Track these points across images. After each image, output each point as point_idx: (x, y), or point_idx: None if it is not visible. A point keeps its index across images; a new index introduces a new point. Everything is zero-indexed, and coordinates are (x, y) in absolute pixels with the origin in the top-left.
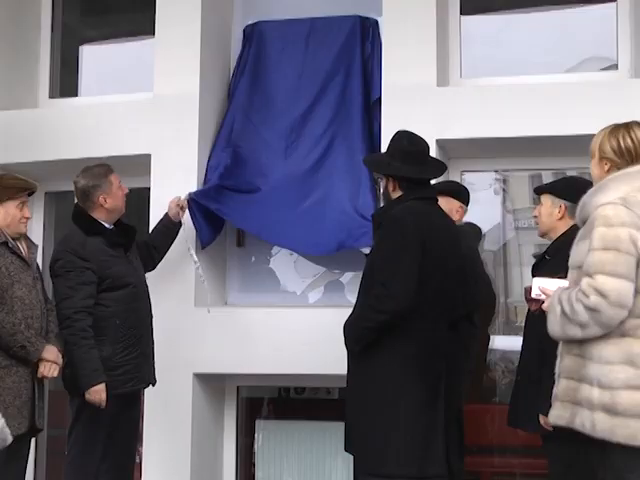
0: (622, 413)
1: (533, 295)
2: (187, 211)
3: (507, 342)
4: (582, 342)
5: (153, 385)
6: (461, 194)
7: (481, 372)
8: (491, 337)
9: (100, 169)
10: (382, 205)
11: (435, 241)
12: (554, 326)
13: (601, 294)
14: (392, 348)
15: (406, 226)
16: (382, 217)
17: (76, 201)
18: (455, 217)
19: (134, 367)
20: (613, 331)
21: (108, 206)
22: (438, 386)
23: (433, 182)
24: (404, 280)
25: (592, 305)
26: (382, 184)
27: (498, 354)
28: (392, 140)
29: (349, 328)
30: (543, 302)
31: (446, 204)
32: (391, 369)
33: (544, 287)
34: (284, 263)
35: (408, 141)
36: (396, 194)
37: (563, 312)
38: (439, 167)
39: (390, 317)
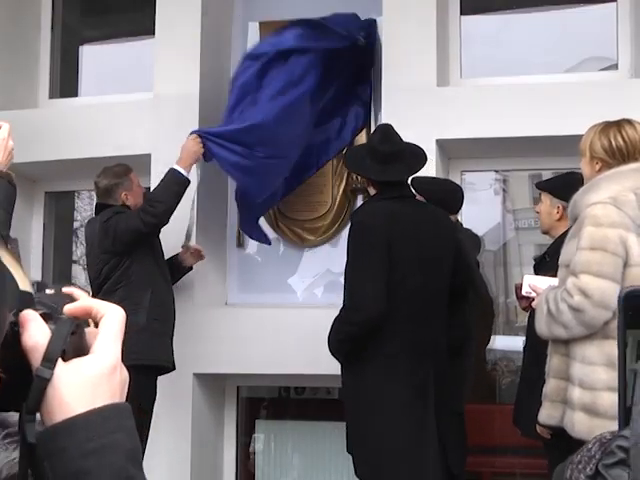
0: (603, 414)
1: (523, 292)
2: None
3: (507, 342)
4: (568, 342)
5: (174, 369)
6: (425, 192)
7: (481, 372)
8: (491, 337)
9: (120, 168)
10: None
11: (405, 240)
12: (541, 325)
13: (585, 294)
14: (375, 350)
15: (368, 229)
16: (351, 218)
17: (96, 201)
18: None
19: (168, 341)
20: (597, 332)
21: (129, 203)
22: (425, 387)
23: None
24: (369, 289)
25: (575, 305)
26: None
27: (498, 354)
28: (371, 133)
29: (329, 339)
30: (533, 300)
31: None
32: (375, 371)
33: (534, 285)
34: (284, 263)
35: (379, 139)
36: (372, 191)
37: (549, 311)
38: (411, 166)
39: (359, 329)
